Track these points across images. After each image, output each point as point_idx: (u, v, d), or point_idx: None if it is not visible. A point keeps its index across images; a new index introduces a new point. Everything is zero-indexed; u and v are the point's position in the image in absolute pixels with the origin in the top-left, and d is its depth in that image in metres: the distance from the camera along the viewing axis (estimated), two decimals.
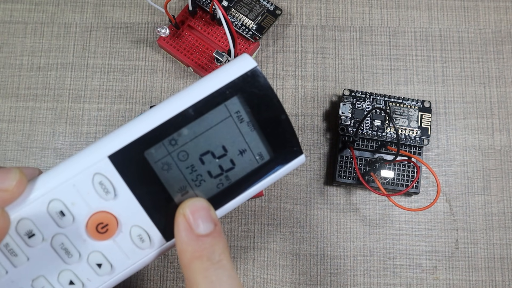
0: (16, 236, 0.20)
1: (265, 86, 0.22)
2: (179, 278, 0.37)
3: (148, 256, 0.22)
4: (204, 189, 0.22)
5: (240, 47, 0.39)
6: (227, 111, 0.22)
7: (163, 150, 0.21)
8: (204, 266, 0.20)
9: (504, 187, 0.38)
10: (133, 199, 0.21)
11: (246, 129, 0.22)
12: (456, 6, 0.41)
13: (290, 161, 0.23)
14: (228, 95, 0.21)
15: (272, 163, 0.23)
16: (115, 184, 0.21)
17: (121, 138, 0.21)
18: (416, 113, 0.37)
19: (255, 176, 0.22)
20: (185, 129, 0.21)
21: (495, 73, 0.40)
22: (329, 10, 0.41)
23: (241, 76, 0.22)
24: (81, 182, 0.21)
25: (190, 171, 0.22)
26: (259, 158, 0.22)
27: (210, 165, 0.22)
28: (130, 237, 0.22)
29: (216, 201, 0.22)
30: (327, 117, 0.39)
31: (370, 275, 0.37)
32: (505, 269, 0.37)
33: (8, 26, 0.42)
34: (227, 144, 0.22)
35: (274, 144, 0.22)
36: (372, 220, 0.38)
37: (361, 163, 0.37)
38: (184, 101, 0.21)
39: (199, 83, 0.22)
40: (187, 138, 0.21)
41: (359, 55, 0.40)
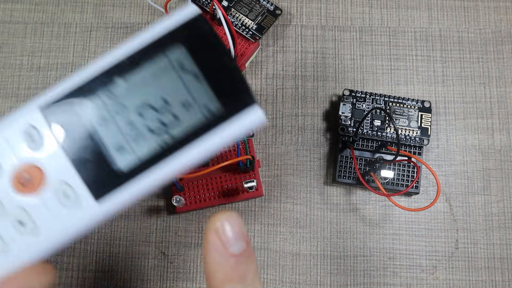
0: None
1: (209, 33, 0.20)
2: (179, 278, 0.37)
3: (77, 219, 0.20)
4: (144, 147, 0.20)
5: (240, 47, 0.39)
6: (168, 60, 0.20)
7: (97, 102, 0.20)
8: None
9: (504, 187, 0.38)
10: (61, 152, 0.20)
11: (189, 79, 0.20)
12: (456, 6, 0.41)
13: (241, 113, 0.20)
14: (169, 43, 0.20)
15: (221, 116, 0.20)
16: (44, 136, 0.20)
17: (55, 90, 0.20)
18: (416, 113, 0.37)
19: (203, 130, 0.20)
20: (121, 80, 0.20)
21: (495, 73, 0.40)
22: (329, 10, 0.41)
23: (184, 23, 0.20)
24: (11, 133, 0.20)
25: (128, 126, 0.20)
26: (206, 110, 0.20)
27: (150, 120, 0.20)
28: (55, 193, 0.20)
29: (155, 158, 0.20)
30: (327, 117, 0.39)
31: (370, 275, 0.37)
32: (505, 269, 0.37)
33: (8, 26, 0.42)
34: (169, 96, 0.20)
35: (222, 95, 0.20)
36: (372, 220, 0.38)
37: (361, 163, 0.37)
38: (121, 52, 0.20)
39: (139, 34, 0.20)
40: (124, 90, 0.20)
41: (359, 55, 0.40)
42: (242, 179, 0.37)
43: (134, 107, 0.20)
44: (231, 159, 0.34)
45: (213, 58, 0.20)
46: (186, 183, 0.37)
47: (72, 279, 0.37)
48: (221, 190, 0.37)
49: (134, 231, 0.38)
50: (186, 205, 0.37)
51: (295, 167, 0.38)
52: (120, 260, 0.37)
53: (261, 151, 0.39)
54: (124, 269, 0.37)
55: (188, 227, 0.38)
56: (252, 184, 0.35)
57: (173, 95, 0.20)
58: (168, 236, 0.37)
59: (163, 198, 0.38)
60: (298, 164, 0.39)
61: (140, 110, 0.20)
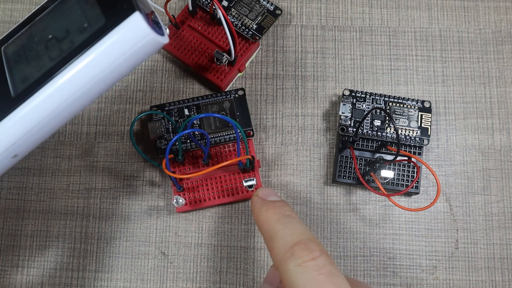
0: None
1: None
2: (179, 278, 0.37)
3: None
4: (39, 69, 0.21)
5: (240, 47, 0.39)
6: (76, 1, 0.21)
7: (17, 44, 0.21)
8: (277, 216, 0.24)
9: (504, 187, 0.38)
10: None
11: (87, 7, 0.21)
12: (456, 6, 0.41)
13: (122, 21, 0.20)
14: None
15: (105, 27, 0.20)
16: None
17: None
18: (416, 113, 0.37)
19: (89, 43, 0.21)
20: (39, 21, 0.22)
21: (495, 73, 0.40)
22: (329, 10, 0.41)
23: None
24: None
25: (34, 59, 0.21)
26: (94, 27, 0.21)
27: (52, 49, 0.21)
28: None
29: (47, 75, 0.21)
30: (327, 117, 0.39)
31: (370, 275, 0.37)
32: (505, 269, 0.37)
33: (8, 26, 0.42)
34: (70, 26, 0.21)
35: (106, 9, 0.21)
36: (372, 220, 0.38)
37: (361, 163, 0.37)
38: None
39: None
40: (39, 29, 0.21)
41: (359, 55, 0.40)
42: (242, 179, 0.37)
43: (43, 42, 0.21)
44: (231, 159, 0.34)
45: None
46: (186, 183, 0.37)
47: (72, 279, 0.37)
48: (221, 190, 0.37)
49: (134, 231, 0.38)
50: (186, 205, 0.37)
51: (295, 167, 0.38)
52: (120, 260, 0.37)
53: (261, 151, 0.39)
54: (124, 269, 0.37)
55: (188, 227, 0.38)
56: (251, 183, 0.35)
57: (74, 24, 0.21)
58: (168, 236, 0.37)
59: (163, 198, 0.38)
60: (298, 164, 0.39)
61: (47, 44, 0.21)
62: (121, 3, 0.20)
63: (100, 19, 0.21)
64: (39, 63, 0.21)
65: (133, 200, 0.38)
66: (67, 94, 0.20)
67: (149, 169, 0.39)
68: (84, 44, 0.20)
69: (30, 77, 0.21)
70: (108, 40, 0.20)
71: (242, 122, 0.37)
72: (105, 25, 0.20)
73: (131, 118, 0.40)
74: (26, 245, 0.38)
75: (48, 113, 0.21)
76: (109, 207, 0.38)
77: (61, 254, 0.37)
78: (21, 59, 0.21)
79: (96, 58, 0.20)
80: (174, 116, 0.37)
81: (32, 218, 0.38)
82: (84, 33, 0.21)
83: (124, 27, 0.20)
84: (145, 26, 0.20)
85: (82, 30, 0.21)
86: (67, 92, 0.20)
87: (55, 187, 0.38)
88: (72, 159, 0.39)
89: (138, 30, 0.20)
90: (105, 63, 0.20)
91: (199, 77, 0.40)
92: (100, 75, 0.21)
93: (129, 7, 0.20)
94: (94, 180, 0.39)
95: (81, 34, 0.21)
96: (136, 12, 0.20)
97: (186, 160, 0.37)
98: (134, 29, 0.20)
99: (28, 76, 0.21)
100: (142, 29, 0.20)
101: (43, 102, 0.20)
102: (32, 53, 0.21)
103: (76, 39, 0.21)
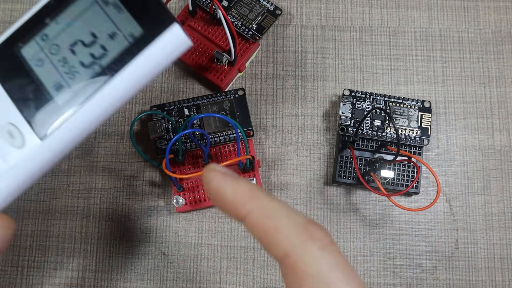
0: None
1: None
2: (179, 278, 0.37)
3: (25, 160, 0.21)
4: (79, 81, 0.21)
5: (240, 47, 0.39)
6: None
7: (33, 45, 0.21)
8: (263, 193, 0.20)
9: (504, 187, 0.38)
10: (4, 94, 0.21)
11: (112, 11, 0.21)
12: (456, 6, 0.41)
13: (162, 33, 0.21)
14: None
15: (143, 39, 0.21)
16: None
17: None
18: (416, 113, 0.37)
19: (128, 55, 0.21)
20: (52, 21, 0.21)
21: (495, 73, 0.40)
22: (329, 10, 0.41)
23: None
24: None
25: (62, 64, 0.21)
26: (130, 37, 0.21)
27: (81, 55, 0.21)
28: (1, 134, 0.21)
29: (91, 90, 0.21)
30: (327, 117, 0.39)
31: (370, 275, 0.37)
32: (505, 269, 0.37)
33: (8, 26, 0.41)
34: (96, 30, 0.21)
35: (142, 20, 0.21)
36: (372, 220, 0.38)
37: (361, 163, 0.37)
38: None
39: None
40: (56, 30, 0.21)
41: (359, 55, 0.40)
42: None
43: (67, 45, 0.21)
44: (231, 159, 0.34)
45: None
46: (186, 183, 0.37)
47: (72, 279, 0.37)
48: None
49: (134, 231, 0.38)
50: (186, 205, 0.37)
51: (295, 167, 0.38)
52: (120, 260, 0.37)
53: (261, 151, 0.39)
54: (124, 269, 0.37)
55: (188, 227, 0.38)
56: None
57: (100, 28, 0.21)
58: (168, 236, 0.37)
59: (163, 198, 0.38)
60: (298, 164, 0.39)
61: (72, 47, 0.21)
62: (157, 13, 0.21)
63: (135, 28, 0.21)
64: (71, 70, 0.21)
65: (133, 200, 0.38)
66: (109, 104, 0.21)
67: (149, 169, 0.39)
68: (125, 54, 0.21)
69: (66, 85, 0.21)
70: (150, 52, 0.21)
71: (242, 122, 0.37)
72: (144, 36, 0.21)
73: (131, 118, 0.40)
74: (26, 245, 0.38)
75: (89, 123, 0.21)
76: (109, 207, 0.38)
77: (61, 254, 0.37)
78: (44, 63, 0.21)
79: (138, 70, 0.21)
80: (174, 116, 0.37)
81: (32, 218, 0.38)
82: (118, 41, 0.21)
83: (165, 39, 0.21)
84: (183, 36, 0.21)
85: (113, 37, 0.21)
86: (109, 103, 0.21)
87: (55, 187, 0.38)
88: (72, 159, 0.39)
89: (178, 40, 0.21)
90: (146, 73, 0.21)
91: (199, 77, 0.40)
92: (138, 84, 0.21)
93: (167, 18, 0.21)
94: (94, 180, 0.39)
95: (113, 41, 0.21)
96: (175, 23, 0.21)
97: (186, 160, 0.37)
98: (175, 40, 0.21)
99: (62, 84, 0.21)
100: (181, 39, 0.21)
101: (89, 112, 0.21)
102: (57, 57, 0.21)
103: (111, 47, 0.21)
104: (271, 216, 0.18)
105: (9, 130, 0.21)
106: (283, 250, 0.17)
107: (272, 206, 0.18)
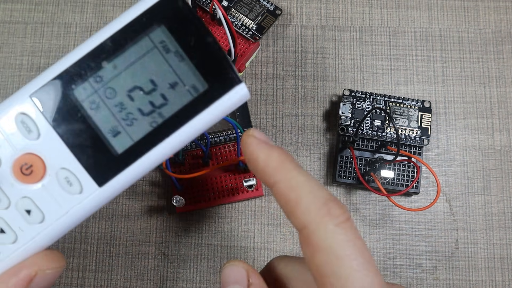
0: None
1: (185, 10, 0.20)
2: (179, 278, 0.37)
3: (81, 205, 0.21)
4: (137, 128, 0.21)
5: (240, 47, 0.39)
6: (151, 42, 0.20)
7: (87, 87, 0.20)
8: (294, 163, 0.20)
9: (504, 187, 0.38)
10: (58, 139, 0.20)
11: (173, 59, 0.20)
12: (456, 6, 0.41)
13: (228, 91, 0.21)
14: (149, 23, 0.20)
15: (208, 94, 0.21)
16: (38, 123, 0.20)
17: (44, 76, 0.20)
18: (416, 113, 0.37)
19: (192, 110, 0.21)
20: (107, 63, 0.20)
21: (495, 73, 0.40)
22: (329, 10, 0.41)
23: (159, 2, 0.20)
24: (5, 123, 0.20)
25: (119, 109, 0.20)
26: (193, 90, 0.21)
27: (139, 102, 0.21)
28: (57, 181, 0.21)
29: (151, 140, 0.21)
30: (327, 117, 0.39)
31: None
32: (505, 269, 0.37)
33: (8, 26, 0.42)
34: (155, 77, 0.20)
35: (207, 74, 0.20)
36: (372, 220, 0.38)
37: (361, 163, 0.37)
38: (102, 34, 0.20)
39: (118, 17, 0.21)
40: (111, 73, 0.20)
41: (359, 55, 0.40)
42: (242, 179, 0.37)
43: (124, 90, 0.20)
44: (231, 159, 0.34)
45: (192, 36, 0.20)
46: (186, 183, 0.37)
47: (72, 279, 0.37)
48: (221, 190, 0.37)
49: (134, 231, 0.38)
50: (186, 205, 0.37)
51: None
52: (120, 260, 0.37)
53: None
54: (124, 269, 0.37)
55: (188, 227, 0.38)
56: (251, 183, 0.35)
57: (160, 76, 0.20)
58: (168, 236, 0.37)
59: (163, 198, 0.38)
60: None
61: (129, 93, 0.20)
62: (225, 70, 0.20)
63: (199, 82, 0.21)
64: (129, 116, 0.21)
65: (133, 200, 0.38)
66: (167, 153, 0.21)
67: None
68: (188, 108, 0.21)
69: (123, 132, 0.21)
70: (214, 108, 0.21)
71: (242, 122, 0.37)
72: (209, 92, 0.21)
73: None
74: None
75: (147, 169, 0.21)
76: (109, 207, 0.38)
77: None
78: (99, 107, 0.20)
79: (201, 123, 0.21)
80: None
81: None
82: (180, 92, 0.21)
83: (230, 97, 0.21)
84: (247, 93, 0.21)
85: (174, 87, 0.21)
86: (171, 148, 0.21)
87: None
88: None
89: (242, 97, 0.21)
90: (205, 125, 0.21)
91: None
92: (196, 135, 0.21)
93: (235, 77, 0.21)
94: None
95: (174, 91, 0.21)
96: (242, 83, 0.21)
97: (186, 160, 0.37)
98: (239, 97, 0.21)
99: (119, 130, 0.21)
100: (245, 95, 0.21)
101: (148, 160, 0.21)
102: (113, 101, 0.20)
103: (172, 97, 0.21)
104: (295, 188, 0.19)
105: (66, 177, 0.21)
106: (302, 222, 0.19)
107: (297, 179, 0.19)
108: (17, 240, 0.20)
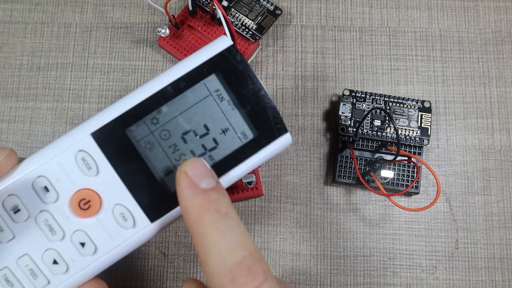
0: (2, 211, 0.21)
1: (242, 63, 0.22)
2: (179, 278, 0.37)
3: (132, 238, 0.22)
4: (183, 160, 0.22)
5: (240, 47, 0.39)
6: (207, 90, 0.22)
7: (144, 128, 0.21)
8: (213, 218, 0.19)
9: (504, 187, 0.38)
10: (116, 176, 0.21)
11: (227, 107, 0.22)
12: (456, 6, 0.41)
13: (275, 140, 0.22)
14: (206, 73, 0.22)
15: (256, 142, 0.22)
16: (98, 161, 0.21)
17: (104, 116, 0.22)
18: (416, 113, 0.37)
19: (240, 155, 0.22)
20: (165, 107, 0.22)
21: (495, 73, 0.40)
22: (329, 10, 0.41)
23: (218, 54, 0.22)
24: (65, 159, 0.21)
25: (172, 150, 0.22)
26: (243, 136, 0.22)
27: (192, 144, 0.22)
28: (113, 216, 0.22)
29: None
30: (327, 117, 0.39)
31: (370, 275, 0.37)
32: (505, 269, 0.37)
33: (8, 26, 0.42)
34: (208, 122, 0.22)
35: (257, 122, 0.22)
36: (372, 220, 0.38)
37: (361, 163, 0.37)
38: (163, 80, 0.22)
39: (178, 64, 0.22)
40: (168, 116, 0.22)
41: (359, 55, 0.40)
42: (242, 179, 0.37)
43: (178, 133, 0.22)
44: None
45: (246, 87, 0.22)
46: None
47: None
48: None
49: None
50: None
51: (295, 167, 0.38)
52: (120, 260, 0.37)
53: None
54: (124, 269, 0.37)
55: None
56: (250, 180, 0.35)
57: (213, 121, 0.22)
58: (168, 236, 0.37)
59: None
60: (298, 164, 0.39)
61: (183, 135, 0.22)
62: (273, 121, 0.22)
63: (249, 129, 0.22)
64: (181, 157, 0.22)
65: None
66: None
67: None
68: (237, 153, 0.22)
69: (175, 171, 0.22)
70: (261, 154, 0.22)
71: None
72: (257, 140, 0.22)
73: None
74: None
75: None
76: None
77: None
78: (154, 147, 0.22)
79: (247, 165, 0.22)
80: None
81: None
82: (230, 138, 0.22)
83: (276, 144, 0.22)
84: (291, 140, 0.23)
85: (226, 132, 0.22)
86: None
87: None
88: None
89: (285, 144, 0.23)
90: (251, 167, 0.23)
91: None
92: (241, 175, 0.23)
93: (282, 127, 0.22)
94: None
95: (225, 136, 0.22)
96: (288, 133, 0.22)
97: None
98: (283, 145, 0.22)
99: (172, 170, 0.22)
100: (288, 142, 0.23)
101: None
102: (167, 143, 0.22)
103: (222, 142, 0.22)
104: (205, 249, 0.19)
105: (121, 212, 0.21)
106: (208, 282, 0.19)
107: (210, 238, 0.19)
108: (68, 270, 0.21)
